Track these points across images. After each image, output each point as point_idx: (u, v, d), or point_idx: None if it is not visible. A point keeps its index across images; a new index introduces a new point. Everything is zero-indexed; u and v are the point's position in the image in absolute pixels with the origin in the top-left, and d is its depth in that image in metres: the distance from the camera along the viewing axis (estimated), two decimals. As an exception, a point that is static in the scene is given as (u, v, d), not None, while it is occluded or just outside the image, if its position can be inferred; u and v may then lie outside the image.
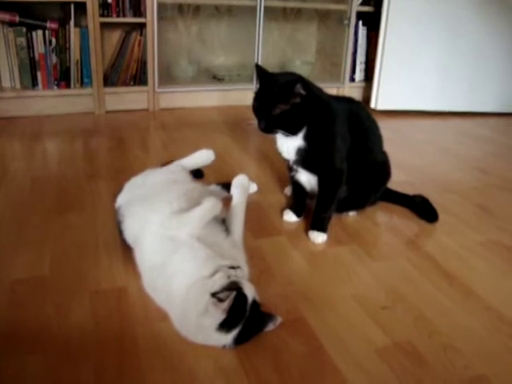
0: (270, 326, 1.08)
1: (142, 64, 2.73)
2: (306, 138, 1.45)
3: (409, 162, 2.22)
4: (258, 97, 1.44)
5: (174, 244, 1.12)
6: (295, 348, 1.06)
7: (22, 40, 2.50)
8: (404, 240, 1.55)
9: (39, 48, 2.53)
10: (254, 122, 1.45)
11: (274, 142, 1.55)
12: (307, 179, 1.57)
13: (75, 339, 1.05)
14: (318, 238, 1.51)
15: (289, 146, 1.49)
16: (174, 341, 1.05)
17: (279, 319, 1.09)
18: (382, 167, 1.65)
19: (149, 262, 1.16)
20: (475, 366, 1.04)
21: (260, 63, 1.51)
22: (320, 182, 1.53)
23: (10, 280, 1.23)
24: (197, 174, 1.68)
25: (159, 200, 1.26)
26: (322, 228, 1.52)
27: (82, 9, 2.51)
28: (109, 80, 2.71)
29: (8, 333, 1.07)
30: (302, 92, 1.37)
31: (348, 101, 1.63)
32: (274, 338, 1.08)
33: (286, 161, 1.56)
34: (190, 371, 0.98)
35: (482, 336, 1.13)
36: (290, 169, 1.59)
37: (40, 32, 2.50)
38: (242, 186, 1.36)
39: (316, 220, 1.54)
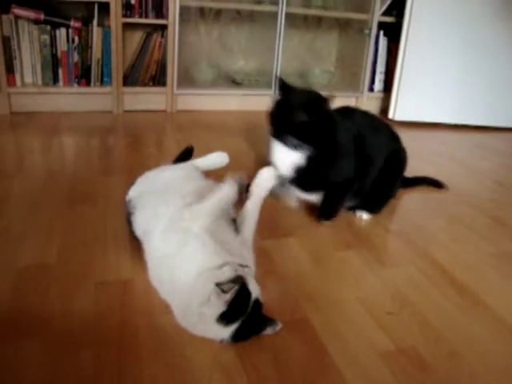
0: (269, 331, 1.06)
1: (162, 65, 2.76)
2: (308, 158, 1.45)
3: (424, 171, 2.19)
4: (279, 106, 1.44)
5: (184, 236, 1.12)
6: (297, 347, 1.05)
7: (46, 37, 2.54)
8: (414, 247, 1.52)
9: (62, 46, 2.57)
10: None
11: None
12: (305, 197, 1.60)
13: (77, 328, 1.06)
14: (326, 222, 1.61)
15: (286, 160, 1.48)
16: (175, 334, 1.05)
17: (279, 325, 1.07)
18: (394, 168, 1.65)
19: (158, 253, 1.16)
20: (480, 374, 1.01)
21: (279, 70, 1.54)
22: (326, 192, 1.56)
23: (18, 266, 1.24)
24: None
25: (172, 194, 1.26)
26: (328, 217, 1.62)
27: (105, 9, 2.54)
28: (128, 80, 2.74)
29: (11, 317, 1.07)
30: (329, 108, 1.38)
31: (349, 115, 1.60)
32: (276, 336, 1.07)
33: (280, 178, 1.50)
34: (188, 364, 0.98)
35: (489, 346, 1.11)
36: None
37: (63, 30, 2.54)
38: (264, 184, 1.34)
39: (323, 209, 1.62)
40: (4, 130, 2.32)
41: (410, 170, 1.70)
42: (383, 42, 3.19)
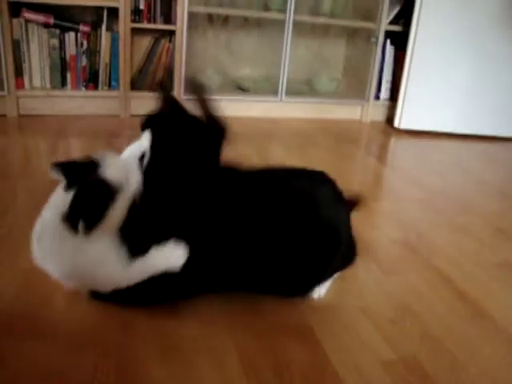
0: None
1: (169, 71, 2.78)
2: None
3: (429, 181, 2.20)
4: None
5: None
6: (299, 355, 1.05)
7: (55, 41, 2.57)
8: (418, 256, 1.52)
9: (71, 50, 2.59)
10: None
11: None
12: None
13: (79, 329, 1.06)
14: None
15: None
16: (175, 336, 1.05)
17: None
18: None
19: None
20: (482, 385, 1.01)
21: (286, 77, 1.47)
22: None
23: (23, 268, 1.25)
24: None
25: None
26: None
27: (114, 14, 2.57)
28: (135, 84, 2.76)
29: (15, 318, 1.08)
30: None
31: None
32: (278, 343, 1.07)
33: None
34: (187, 366, 0.98)
35: (491, 358, 1.10)
36: None
37: (72, 34, 2.57)
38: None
39: None
40: (12, 133, 2.34)
41: (415, 179, 1.69)
42: (390, 50, 3.20)
